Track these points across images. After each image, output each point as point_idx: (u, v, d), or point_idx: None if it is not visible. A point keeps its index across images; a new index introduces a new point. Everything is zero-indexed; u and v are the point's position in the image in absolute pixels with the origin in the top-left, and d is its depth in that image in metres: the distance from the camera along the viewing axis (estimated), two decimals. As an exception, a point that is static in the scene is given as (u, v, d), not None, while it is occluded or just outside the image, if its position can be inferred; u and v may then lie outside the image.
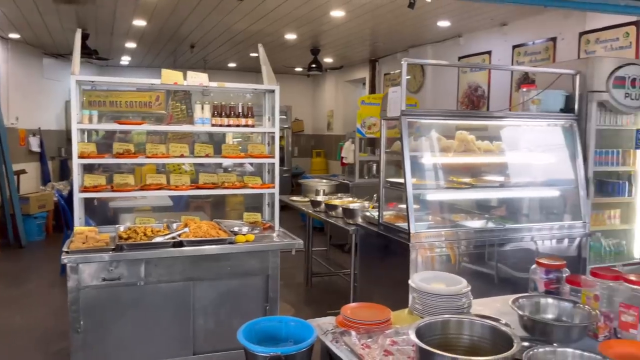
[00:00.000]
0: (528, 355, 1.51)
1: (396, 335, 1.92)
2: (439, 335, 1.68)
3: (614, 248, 4.45)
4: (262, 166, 4.02)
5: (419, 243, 3.57)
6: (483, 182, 4.16)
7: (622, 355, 1.57)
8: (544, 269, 2.27)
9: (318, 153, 12.11)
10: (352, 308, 2.09)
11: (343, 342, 1.87)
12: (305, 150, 12.47)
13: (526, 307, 2.00)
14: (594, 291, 1.96)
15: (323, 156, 12.07)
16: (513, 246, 3.84)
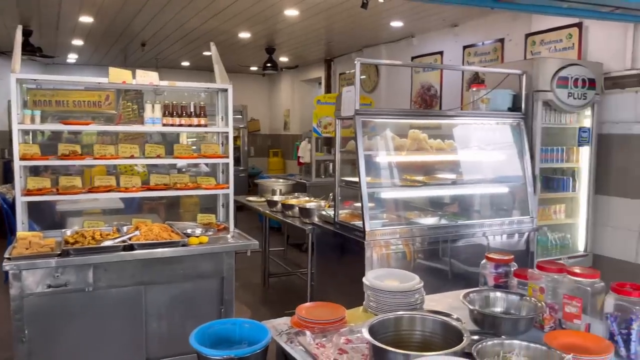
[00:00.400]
0: (477, 348, 1.55)
1: (350, 333, 1.92)
2: (392, 332, 1.69)
3: (560, 242, 4.63)
4: (217, 166, 3.96)
5: (374, 241, 3.60)
6: (436, 179, 4.25)
7: (565, 345, 1.62)
8: (493, 263, 2.32)
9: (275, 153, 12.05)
10: (307, 308, 2.09)
11: (298, 343, 1.87)
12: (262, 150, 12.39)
13: (476, 301, 2.05)
14: (540, 284, 2.03)
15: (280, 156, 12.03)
16: (465, 242, 3.94)
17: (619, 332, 1.76)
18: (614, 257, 4.53)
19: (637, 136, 4.31)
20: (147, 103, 3.56)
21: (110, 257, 3.01)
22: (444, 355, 1.45)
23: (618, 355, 1.74)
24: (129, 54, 9.13)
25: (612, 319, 1.79)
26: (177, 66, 10.77)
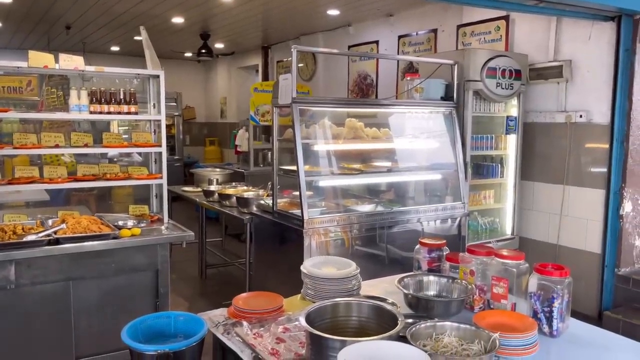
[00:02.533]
0: (411, 331, 1.59)
1: (288, 322, 1.92)
2: (329, 319, 1.70)
3: (489, 226, 4.85)
4: (149, 156, 3.82)
5: (313, 229, 3.62)
6: (372, 167, 4.32)
7: (493, 324, 1.70)
8: (426, 248, 2.40)
9: (212, 141, 11.81)
10: (244, 298, 2.06)
11: (235, 334, 1.84)
12: (198, 139, 12.10)
13: (410, 285, 2.10)
14: (470, 267, 2.11)
15: (217, 144, 11.80)
16: (401, 228, 4.04)
17: (542, 309, 1.87)
18: (538, 240, 4.80)
19: (558, 125, 4.56)
20: (72, 89, 3.37)
21: (34, 252, 2.84)
22: (379, 340, 1.47)
23: (541, 332, 1.84)
24: (53, 38, 8.60)
25: (535, 297, 1.89)
26: (106, 51, 10.27)
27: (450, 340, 1.63)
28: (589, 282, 4.34)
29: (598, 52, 4.29)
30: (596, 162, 4.35)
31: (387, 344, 1.44)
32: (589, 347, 1.80)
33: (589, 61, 4.37)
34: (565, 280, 1.87)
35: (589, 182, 4.40)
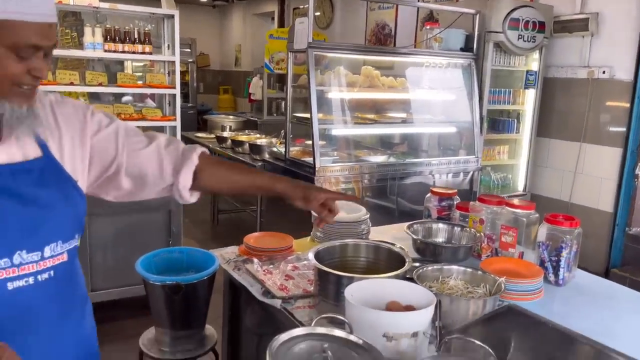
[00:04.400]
0: (417, 273, 1.61)
1: (297, 261, 1.96)
2: (338, 258, 1.73)
3: (501, 181, 4.83)
4: (163, 99, 3.81)
5: (324, 177, 3.63)
6: (386, 118, 4.28)
7: (500, 270, 1.71)
8: (437, 197, 2.40)
9: (225, 90, 11.72)
10: (255, 237, 2.10)
11: (245, 270, 1.88)
12: (212, 87, 12.01)
13: (419, 231, 2.12)
14: (480, 216, 2.11)
15: (230, 93, 11.72)
16: (412, 180, 4.04)
17: (549, 259, 1.88)
18: (550, 197, 4.78)
19: (580, 80, 4.45)
20: (87, 26, 3.33)
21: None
22: (386, 278, 1.50)
23: (547, 281, 1.86)
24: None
25: (543, 247, 1.90)
26: (120, -7, 10.09)
27: (456, 283, 1.65)
28: (598, 240, 4.35)
29: (627, 5, 4.13)
30: (615, 120, 4.26)
31: (394, 282, 1.47)
32: (594, 296, 1.81)
33: (617, 15, 4.20)
34: (575, 231, 1.87)
35: (606, 140, 4.32)
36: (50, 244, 0.98)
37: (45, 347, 1.00)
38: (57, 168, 1.03)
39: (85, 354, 1.12)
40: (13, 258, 0.92)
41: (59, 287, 1.02)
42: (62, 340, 1.04)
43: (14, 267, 0.92)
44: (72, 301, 1.08)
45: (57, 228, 1.00)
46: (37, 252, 0.96)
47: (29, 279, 0.95)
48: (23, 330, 0.95)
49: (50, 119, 1.05)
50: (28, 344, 0.96)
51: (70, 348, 1.06)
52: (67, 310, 1.06)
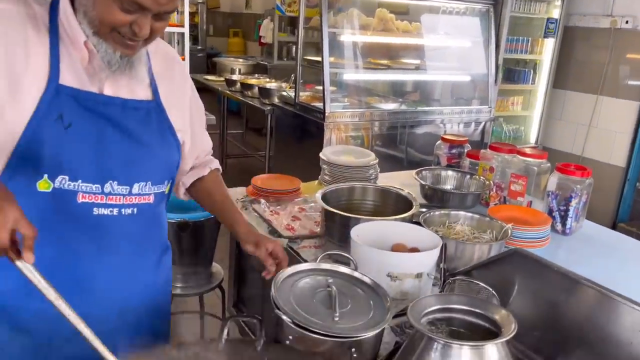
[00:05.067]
0: (424, 217, 1.61)
1: (304, 203, 1.96)
2: (345, 200, 1.73)
3: (513, 133, 4.76)
4: (171, 37, 3.74)
5: (334, 123, 3.59)
6: (399, 64, 4.18)
7: (507, 217, 1.71)
8: (447, 144, 2.37)
9: (235, 33, 11.46)
10: (263, 178, 2.10)
11: (252, 210, 1.89)
12: (222, 30, 11.75)
13: (428, 178, 2.11)
14: (490, 164, 2.09)
15: (241, 36, 11.46)
16: (423, 129, 3.98)
17: (557, 208, 1.87)
18: (562, 150, 4.72)
19: (601, 30, 4.29)
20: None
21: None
22: (393, 220, 1.50)
23: (554, 230, 1.86)
24: None
25: (553, 196, 1.88)
26: None
27: (462, 228, 1.65)
28: (607, 195, 4.32)
29: (658, -50, 3.92)
30: (635, 73, 4.13)
31: (400, 225, 1.47)
32: (600, 246, 1.81)
33: (646, -40, 4.00)
34: (586, 181, 1.85)
35: (623, 93, 4.21)
36: (139, 182, 1.02)
37: (118, 278, 1.03)
38: (162, 113, 1.06)
39: (154, 303, 1.14)
40: (104, 186, 0.96)
41: (139, 226, 1.05)
42: (134, 278, 1.07)
43: (102, 194, 0.97)
44: (150, 244, 1.11)
45: (149, 169, 1.04)
46: (126, 187, 1.00)
47: (114, 210, 0.99)
48: (102, 254, 1.00)
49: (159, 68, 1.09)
50: (104, 269, 1.01)
51: (140, 288, 1.09)
52: (144, 252, 1.09)
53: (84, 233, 0.97)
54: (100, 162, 0.95)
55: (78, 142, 0.93)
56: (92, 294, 0.99)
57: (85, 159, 0.94)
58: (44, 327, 0.94)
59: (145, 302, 1.10)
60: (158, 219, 1.12)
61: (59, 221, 0.94)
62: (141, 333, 1.08)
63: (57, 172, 0.91)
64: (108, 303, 1.02)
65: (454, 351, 0.90)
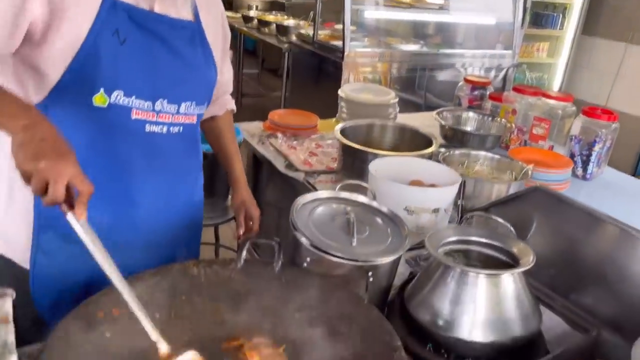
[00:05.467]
0: (444, 156, 1.59)
1: (321, 139, 1.95)
2: (363, 137, 1.71)
3: (537, 81, 4.64)
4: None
5: (353, 62, 3.50)
6: (422, 3, 4.03)
7: (527, 159, 1.68)
8: (470, 85, 2.31)
9: (253, -31, 11.09)
10: (280, 113, 2.08)
11: (269, 144, 1.88)
12: (239, -34, 11.36)
13: (448, 119, 2.07)
14: (513, 106, 2.04)
15: (258, -27, 11.10)
16: (443, 73, 3.88)
17: (579, 153, 1.83)
18: (586, 100, 4.58)
19: (639, -27, 4.07)
20: None
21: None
22: (412, 156, 1.48)
23: (574, 175, 1.83)
24: None
25: (576, 140, 1.84)
26: None
27: (481, 168, 1.63)
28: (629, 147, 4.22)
29: None
30: (670, 21, 3.95)
31: (419, 161, 1.45)
32: (620, 193, 1.79)
33: None
34: (612, 126, 1.80)
35: (656, 42, 4.05)
36: (186, 102, 1.03)
37: (163, 193, 1.07)
38: (203, 36, 1.07)
39: (191, 220, 1.17)
40: (155, 104, 0.98)
41: (184, 145, 1.08)
42: (176, 194, 1.11)
43: (154, 112, 0.99)
44: (190, 163, 1.14)
45: (195, 88, 1.06)
46: (175, 105, 1.02)
47: (163, 128, 1.01)
48: (151, 170, 1.03)
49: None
50: (152, 184, 1.04)
51: (180, 204, 1.13)
52: (185, 170, 1.13)
53: (136, 149, 0.99)
54: (152, 79, 0.97)
55: (132, 58, 0.94)
56: (140, 207, 1.02)
57: (139, 75, 0.95)
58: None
59: (183, 218, 1.14)
60: (197, 139, 1.15)
61: (114, 137, 0.96)
62: (177, 248, 1.12)
63: (113, 86, 0.93)
64: (153, 217, 1.06)
65: (470, 279, 0.90)
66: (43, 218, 0.94)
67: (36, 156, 0.71)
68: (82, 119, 0.92)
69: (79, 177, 0.74)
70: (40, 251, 0.96)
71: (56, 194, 0.71)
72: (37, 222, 0.95)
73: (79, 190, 0.74)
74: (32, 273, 0.97)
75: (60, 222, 0.93)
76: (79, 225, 0.73)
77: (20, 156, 0.72)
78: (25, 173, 0.72)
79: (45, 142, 0.73)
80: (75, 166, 0.74)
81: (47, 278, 0.98)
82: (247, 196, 1.31)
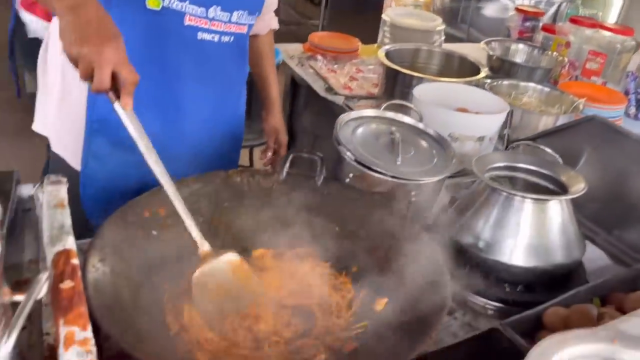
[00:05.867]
0: (491, 85, 1.53)
1: (362, 64, 1.90)
2: (408, 62, 1.65)
3: (589, 19, 4.36)
4: None
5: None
6: None
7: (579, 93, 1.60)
8: (522, 15, 2.19)
9: None
10: (320, 36, 2.02)
11: (309, 66, 1.84)
12: None
13: (497, 49, 1.97)
14: (567, 38, 1.93)
15: None
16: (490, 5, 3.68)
17: (634, 90, 1.74)
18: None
19: None
20: None
21: None
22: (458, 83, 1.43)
23: (626, 114, 1.74)
24: None
25: (632, 77, 1.75)
26: None
27: (530, 100, 1.57)
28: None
29: None
30: None
31: (466, 88, 1.40)
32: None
33: None
34: (675, 62, 1.69)
35: None
36: (238, 10, 1.01)
37: (210, 103, 1.07)
38: None
39: (233, 132, 1.17)
40: (209, 11, 0.96)
41: (233, 56, 1.07)
42: (223, 105, 1.10)
43: (207, 19, 0.97)
44: (237, 75, 1.13)
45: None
46: (227, 13, 0.99)
47: (215, 37, 1.00)
48: (200, 78, 1.02)
49: None
50: (200, 92, 1.03)
51: (225, 115, 1.12)
52: (233, 81, 1.12)
53: (187, 56, 0.98)
54: None
55: None
56: (188, 117, 1.02)
57: None
58: None
59: (227, 131, 1.14)
60: (246, 51, 1.13)
61: (166, 43, 0.95)
62: (219, 161, 1.13)
63: None
64: (199, 127, 1.06)
65: (516, 204, 0.88)
66: (95, 122, 0.95)
67: (80, 40, 0.69)
68: (134, 22, 0.90)
69: (124, 65, 0.71)
70: (91, 155, 0.97)
71: (101, 81, 0.69)
72: (89, 126, 0.95)
73: (123, 78, 0.71)
74: (83, 175, 0.99)
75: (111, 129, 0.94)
76: (126, 115, 0.72)
77: (66, 40, 0.70)
78: (71, 57, 0.70)
79: (90, 26, 0.70)
80: (120, 53, 0.71)
81: (96, 182, 1.00)
82: (279, 121, 1.30)
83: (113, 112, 0.73)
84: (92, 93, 0.72)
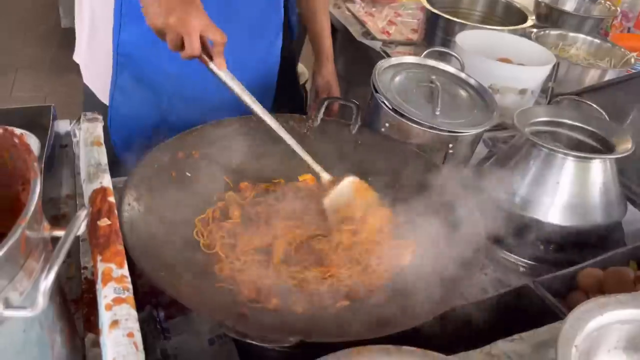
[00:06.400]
0: (537, 34, 1.45)
1: (402, 8, 1.82)
2: (450, 7, 1.57)
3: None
4: None
5: None
6: None
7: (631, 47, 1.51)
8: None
9: None
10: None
11: (346, 9, 1.78)
12: None
13: (545, -4, 1.86)
14: (623, -12, 1.80)
15: None
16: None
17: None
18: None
19: None
20: None
21: None
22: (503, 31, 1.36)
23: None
24: None
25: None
26: None
27: (577, 52, 1.49)
28: None
29: None
30: None
31: (510, 37, 1.33)
32: None
33: None
34: None
35: None
36: None
37: (240, 48, 0.99)
38: None
39: (264, 80, 1.13)
40: None
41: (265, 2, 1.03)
42: (252, 52, 1.05)
43: None
44: (270, 20, 1.07)
45: None
46: None
47: None
48: (229, 19, 0.96)
49: None
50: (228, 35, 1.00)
51: (254, 64, 1.07)
52: (264, 25, 1.06)
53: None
54: None
55: None
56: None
57: None
58: (165, 84, 0.97)
59: (256, 77, 1.09)
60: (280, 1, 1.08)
61: None
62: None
63: None
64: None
65: (557, 161, 0.85)
66: (122, 56, 0.93)
67: (165, 12, 0.69)
68: None
69: (210, 27, 0.72)
70: (118, 88, 0.97)
71: (192, 49, 0.71)
72: (115, 59, 0.94)
73: (212, 39, 0.72)
74: (110, 108, 0.99)
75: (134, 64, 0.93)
76: (223, 73, 0.74)
77: (150, 13, 0.70)
78: (157, 30, 0.71)
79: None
80: (204, 16, 0.72)
81: (122, 116, 1.00)
82: (332, 76, 1.27)
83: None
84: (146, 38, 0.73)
